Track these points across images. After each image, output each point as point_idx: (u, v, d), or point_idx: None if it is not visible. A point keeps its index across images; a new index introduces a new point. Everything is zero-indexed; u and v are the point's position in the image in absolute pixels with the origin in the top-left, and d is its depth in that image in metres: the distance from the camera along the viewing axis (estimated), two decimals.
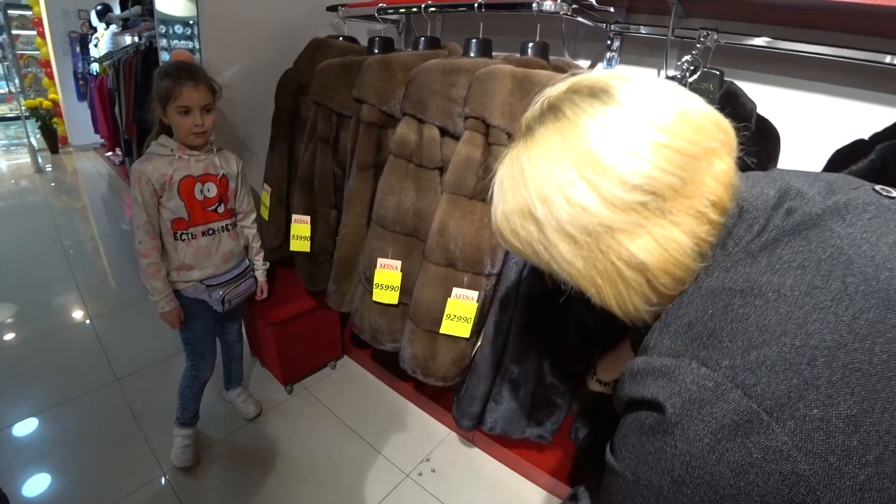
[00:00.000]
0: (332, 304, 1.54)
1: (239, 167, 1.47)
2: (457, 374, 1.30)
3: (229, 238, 1.47)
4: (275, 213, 1.67)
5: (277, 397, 1.94)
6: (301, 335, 1.89)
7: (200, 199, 1.37)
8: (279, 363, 1.87)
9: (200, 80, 1.28)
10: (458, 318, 1.20)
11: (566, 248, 0.48)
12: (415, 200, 1.24)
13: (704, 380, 0.40)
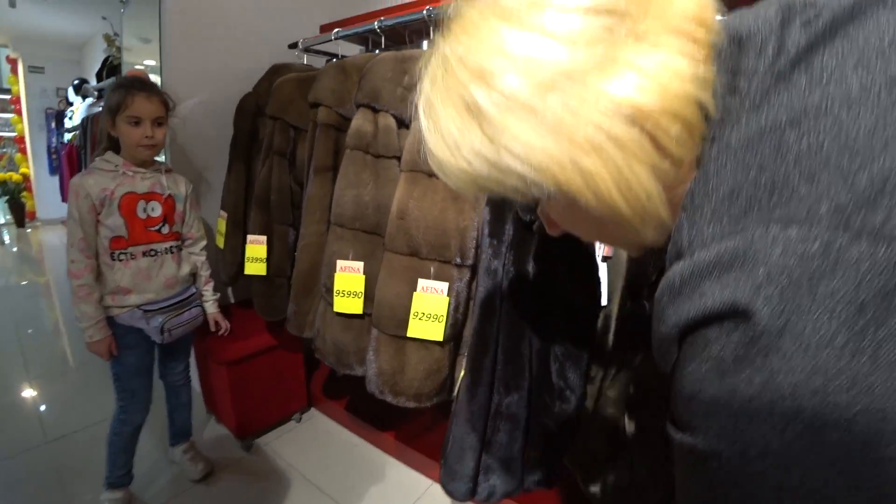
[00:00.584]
0: (293, 329, 1.38)
1: (188, 190, 1.39)
2: (433, 391, 1.12)
3: (173, 261, 1.34)
4: (231, 238, 1.55)
5: (232, 455, 1.68)
6: (260, 378, 1.68)
7: (143, 217, 1.27)
8: (234, 412, 1.63)
9: (154, 92, 1.24)
10: (428, 317, 1.05)
11: (526, 129, 0.34)
12: (374, 193, 1.15)
13: (803, 243, 0.27)
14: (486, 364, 0.95)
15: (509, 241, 0.91)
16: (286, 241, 1.44)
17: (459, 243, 1.07)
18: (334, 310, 1.19)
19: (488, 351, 0.94)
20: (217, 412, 1.80)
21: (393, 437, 1.69)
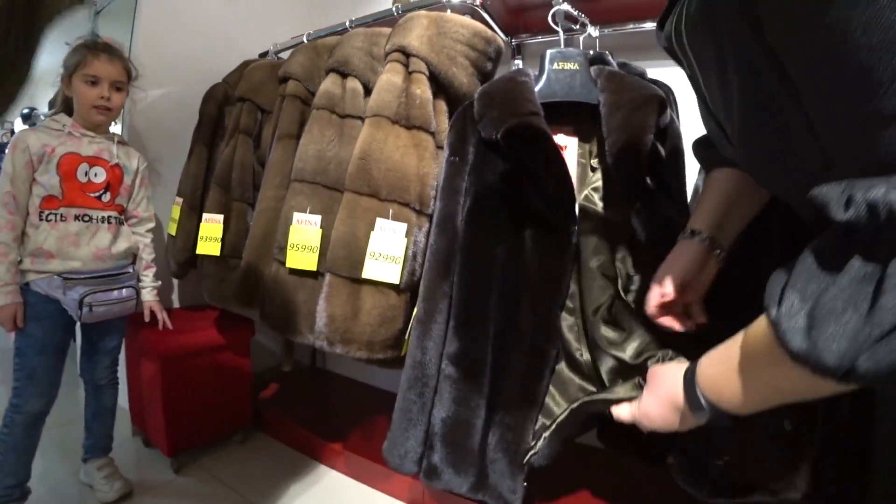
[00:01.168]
0: (240, 300, 1.29)
1: (140, 166, 1.35)
2: (386, 341, 1.04)
3: (108, 232, 1.25)
4: (185, 223, 1.49)
5: (158, 476, 1.46)
6: (200, 383, 1.51)
7: (83, 181, 1.21)
8: (165, 421, 1.43)
9: (116, 55, 1.25)
10: (385, 258, 1.01)
11: None
12: (338, 150, 1.16)
13: None
14: (444, 292, 0.89)
15: (472, 163, 0.91)
16: (244, 220, 1.40)
17: (419, 189, 1.06)
18: (287, 265, 1.13)
19: (446, 277, 0.90)
20: (145, 428, 1.58)
21: (347, 453, 1.52)
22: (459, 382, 0.85)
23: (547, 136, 0.83)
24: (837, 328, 0.33)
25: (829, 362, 0.34)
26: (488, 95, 0.90)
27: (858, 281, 0.32)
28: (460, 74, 1.11)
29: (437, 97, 1.13)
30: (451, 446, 0.85)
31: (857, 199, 0.32)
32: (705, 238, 0.69)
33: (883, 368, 0.32)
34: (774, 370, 0.43)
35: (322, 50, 1.34)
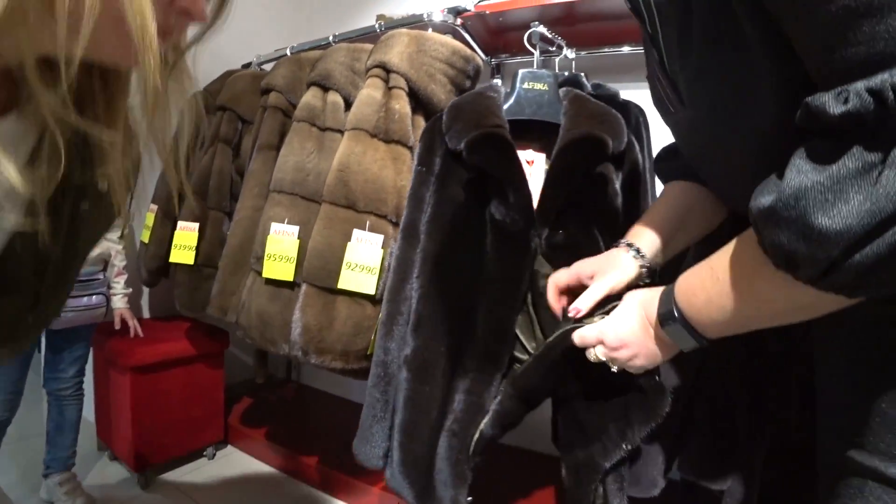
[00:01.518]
0: (214, 310, 1.27)
1: None
2: (360, 352, 1.04)
3: None
4: (158, 230, 1.47)
5: (123, 492, 1.41)
6: (170, 395, 1.48)
7: None
8: (132, 435, 1.40)
9: None
10: (361, 269, 1.02)
11: None
12: (317, 162, 1.17)
13: None
14: (406, 295, 0.90)
15: (437, 172, 0.93)
16: (220, 229, 1.39)
17: (396, 202, 1.08)
18: (263, 275, 1.13)
19: (407, 280, 0.91)
20: (111, 442, 1.53)
21: (321, 467, 1.50)
22: (411, 384, 0.86)
23: (508, 146, 0.86)
24: (828, 217, 0.32)
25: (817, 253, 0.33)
26: (456, 108, 0.93)
27: (856, 171, 0.32)
28: (439, 91, 1.14)
29: (416, 113, 1.15)
30: (404, 451, 0.86)
31: (857, 89, 0.31)
32: (641, 256, 0.68)
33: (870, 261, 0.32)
34: (755, 277, 0.43)
35: (305, 63, 1.35)
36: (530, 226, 0.88)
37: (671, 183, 0.73)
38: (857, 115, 0.31)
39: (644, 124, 1.33)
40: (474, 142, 0.86)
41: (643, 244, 0.68)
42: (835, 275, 0.34)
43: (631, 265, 0.67)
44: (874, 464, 0.41)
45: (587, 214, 0.88)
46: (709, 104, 0.50)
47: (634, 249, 0.69)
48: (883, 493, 0.41)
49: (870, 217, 0.31)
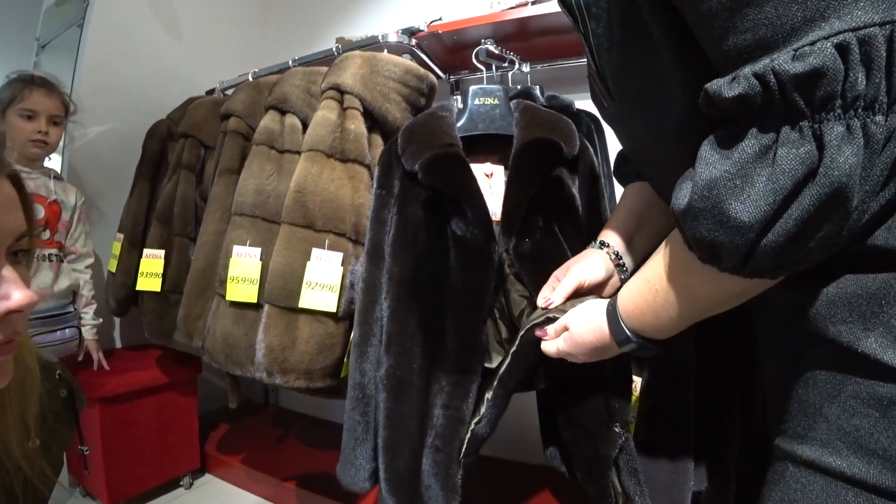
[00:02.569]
0: (181, 336, 1.27)
1: (78, 202, 1.36)
2: (325, 369, 1.04)
3: (50, 269, 1.26)
4: (125, 259, 1.46)
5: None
6: (142, 425, 1.46)
7: None
8: (105, 469, 1.37)
9: (54, 90, 1.25)
10: (321, 287, 1.03)
11: None
12: (276, 184, 1.19)
13: None
14: (376, 316, 0.92)
15: (397, 194, 0.95)
16: (186, 255, 1.39)
17: (355, 220, 1.10)
18: (227, 298, 1.13)
19: (377, 301, 0.92)
20: (83, 478, 1.50)
21: (301, 491, 1.48)
22: (389, 404, 0.86)
23: (460, 164, 0.89)
24: (740, 202, 0.34)
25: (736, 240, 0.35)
26: (409, 131, 0.95)
27: (755, 154, 0.34)
28: (393, 110, 1.17)
29: (372, 132, 1.18)
30: (387, 470, 0.86)
31: (745, 73, 0.33)
32: (613, 252, 0.72)
33: (781, 239, 0.34)
34: (686, 278, 0.46)
35: (263, 87, 1.38)
36: (490, 238, 0.90)
37: (629, 185, 0.77)
38: (747, 97, 0.33)
39: (597, 130, 1.37)
40: (427, 164, 0.88)
41: (611, 241, 0.73)
42: (754, 260, 0.36)
43: (600, 259, 0.72)
44: (792, 447, 0.43)
45: (549, 220, 0.91)
46: (632, 97, 0.52)
47: (600, 243, 0.73)
48: (800, 475, 0.41)
49: (773, 195, 0.33)
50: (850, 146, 0.31)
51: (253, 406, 2.11)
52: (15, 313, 0.37)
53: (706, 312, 0.49)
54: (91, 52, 1.70)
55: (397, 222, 0.93)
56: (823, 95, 0.31)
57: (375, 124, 1.18)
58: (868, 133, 0.31)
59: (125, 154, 1.68)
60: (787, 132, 0.33)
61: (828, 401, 0.40)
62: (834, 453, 0.38)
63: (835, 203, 0.33)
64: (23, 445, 0.48)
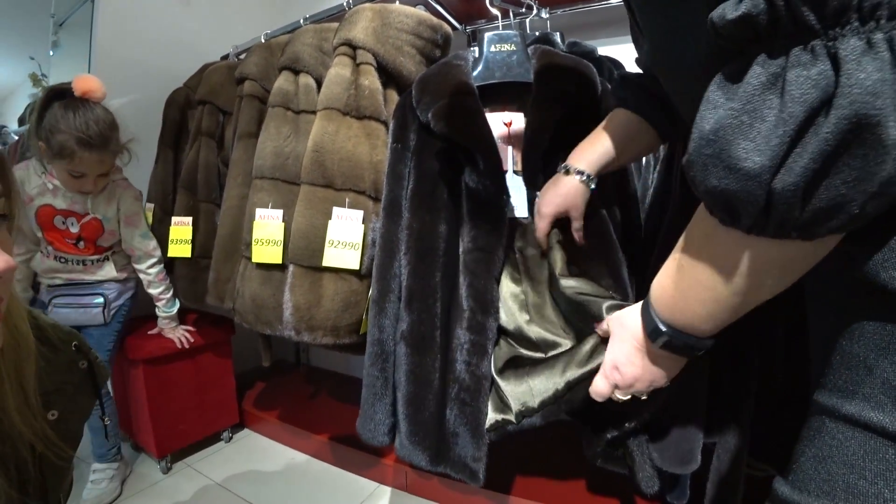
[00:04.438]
0: (212, 299, 1.31)
1: (123, 208, 1.34)
2: (351, 326, 1.07)
3: (84, 272, 1.33)
4: (158, 228, 1.50)
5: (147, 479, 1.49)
6: (182, 385, 1.54)
7: (62, 228, 1.28)
8: (152, 424, 1.47)
9: (106, 147, 1.18)
10: (344, 245, 1.04)
11: None
12: (294, 145, 1.19)
13: None
14: (394, 272, 0.92)
15: (413, 147, 0.94)
16: (212, 220, 1.42)
17: (374, 177, 1.09)
18: (253, 260, 1.16)
19: (394, 257, 0.92)
20: (133, 433, 1.60)
21: (332, 443, 1.55)
22: (411, 359, 0.88)
23: (474, 111, 0.86)
24: (749, 141, 0.30)
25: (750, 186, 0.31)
26: (424, 81, 0.93)
27: (763, 84, 0.30)
28: (408, 63, 1.14)
29: (387, 87, 1.16)
30: (410, 422, 0.88)
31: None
32: (587, 178, 0.76)
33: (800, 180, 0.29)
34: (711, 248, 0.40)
35: (275, 49, 1.36)
36: (502, 191, 0.89)
37: (620, 110, 0.76)
38: (750, 18, 0.29)
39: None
40: (440, 111, 0.87)
41: (581, 165, 0.77)
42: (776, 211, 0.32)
43: (570, 182, 0.77)
44: (832, 402, 0.40)
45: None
46: (658, 31, 0.49)
47: (565, 168, 0.78)
48: (837, 431, 0.39)
49: (784, 126, 0.29)
50: (874, 62, 0.26)
51: (286, 365, 2.20)
52: None
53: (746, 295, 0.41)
54: (104, 26, 1.70)
55: (415, 176, 0.92)
56: (837, 6, 0.27)
57: (390, 79, 1.15)
58: (894, 46, 0.26)
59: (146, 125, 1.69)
60: (798, 53, 0.28)
61: (875, 353, 0.37)
62: (877, 408, 0.36)
63: (860, 131, 0.27)
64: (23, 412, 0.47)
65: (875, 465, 0.35)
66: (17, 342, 0.47)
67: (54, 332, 0.58)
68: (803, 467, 0.41)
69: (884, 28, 0.26)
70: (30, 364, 0.49)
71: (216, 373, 1.64)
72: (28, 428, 0.48)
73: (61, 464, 0.53)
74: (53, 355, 0.56)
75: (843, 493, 0.37)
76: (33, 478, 0.50)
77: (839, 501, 0.37)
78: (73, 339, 0.61)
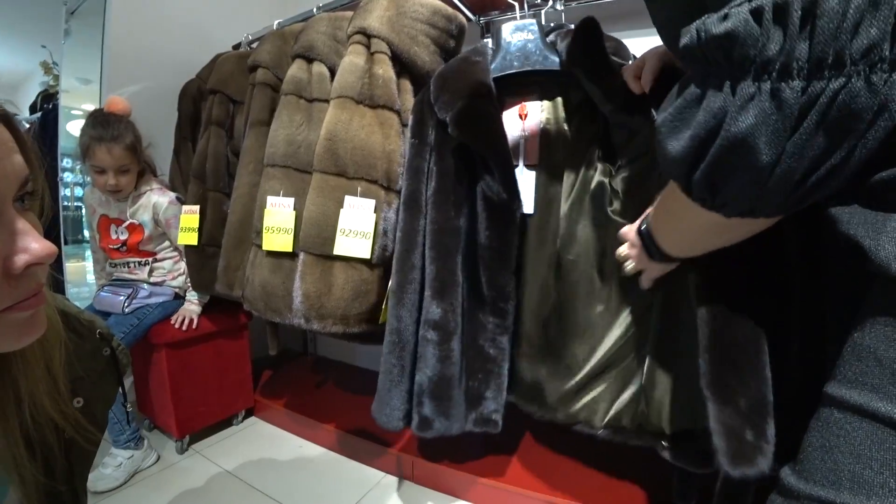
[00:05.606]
0: (222, 287, 1.32)
1: (159, 213, 1.45)
2: (361, 315, 1.07)
3: (127, 272, 1.47)
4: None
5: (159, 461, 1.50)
6: (202, 369, 1.56)
7: (113, 237, 1.45)
8: (173, 406, 1.49)
9: (116, 141, 1.31)
10: (355, 234, 1.04)
11: None
12: (307, 134, 1.18)
13: None
14: (413, 264, 0.93)
15: (432, 143, 0.94)
16: (220, 209, 1.43)
17: (386, 167, 1.09)
18: (264, 248, 1.16)
19: (414, 250, 0.93)
20: (153, 414, 1.63)
21: (339, 431, 1.56)
22: (441, 344, 0.93)
23: (489, 119, 0.88)
24: (675, 140, 0.40)
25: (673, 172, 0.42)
26: (441, 78, 0.93)
27: (694, 100, 0.37)
28: (422, 53, 1.13)
29: (401, 77, 1.15)
30: (439, 399, 0.94)
31: (692, 26, 0.36)
32: None
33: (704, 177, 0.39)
34: (674, 199, 0.52)
35: (289, 37, 1.35)
36: (514, 197, 0.91)
37: None
38: (689, 49, 0.36)
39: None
40: (456, 118, 0.88)
41: None
42: (695, 191, 0.41)
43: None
44: (840, 392, 0.41)
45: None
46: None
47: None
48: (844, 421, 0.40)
49: (692, 140, 0.37)
50: (755, 108, 0.33)
51: (293, 355, 2.21)
52: (36, 265, 0.36)
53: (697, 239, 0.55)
54: (117, 16, 1.70)
55: (437, 173, 0.94)
56: (739, 57, 0.32)
57: (404, 69, 1.15)
58: (780, 97, 0.31)
59: (160, 114, 1.70)
60: (715, 85, 0.35)
61: (885, 344, 0.38)
62: (885, 398, 0.37)
63: (739, 155, 0.35)
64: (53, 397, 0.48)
65: (882, 454, 0.36)
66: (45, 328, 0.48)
67: (80, 320, 0.58)
68: (810, 457, 0.42)
69: (773, 80, 0.32)
70: (57, 350, 0.49)
71: (233, 357, 1.66)
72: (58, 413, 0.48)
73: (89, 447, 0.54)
74: (80, 342, 0.56)
75: (849, 483, 0.38)
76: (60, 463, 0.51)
77: (843, 491, 0.38)
78: (97, 327, 0.61)
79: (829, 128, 0.31)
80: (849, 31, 0.28)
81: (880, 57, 0.29)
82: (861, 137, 0.32)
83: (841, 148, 0.32)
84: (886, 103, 0.30)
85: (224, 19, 1.96)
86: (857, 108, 0.30)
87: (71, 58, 2.03)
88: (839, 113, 0.31)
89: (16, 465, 0.45)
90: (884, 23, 0.28)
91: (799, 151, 0.33)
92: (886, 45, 0.28)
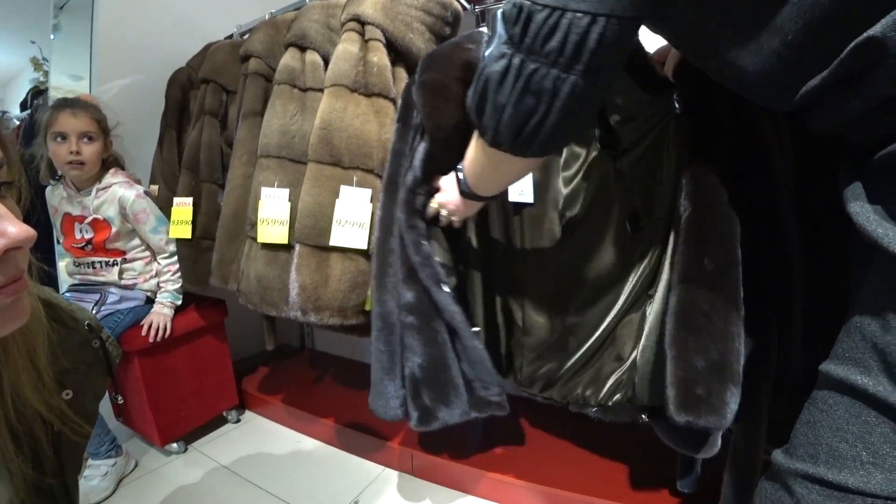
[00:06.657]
0: (216, 281, 1.30)
1: (127, 206, 1.35)
2: (358, 307, 1.06)
3: (93, 273, 1.40)
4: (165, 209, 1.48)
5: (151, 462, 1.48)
6: (179, 372, 1.51)
7: (77, 236, 1.36)
8: (153, 414, 1.44)
9: (81, 107, 1.26)
10: (351, 225, 1.03)
11: None
12: (301, 124, 1.16)
13: None
14: (391, 248, 0.91)
15: (415, 126, 0.92)
16: (214, 201, 1.40)
17: (382, 156, 1.07)
18: (258, 241, 1.14)
19: (392, 234, 0.91)
20: (134, 425, 1.58)
21: (337, 426, 1.55)
22: (422, 327, 0.88)
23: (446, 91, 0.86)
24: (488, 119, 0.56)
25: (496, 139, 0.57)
26: (429, 58, 0.92)
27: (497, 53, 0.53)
28: (417, 40, 1.11)
29: (396, 64, 1.13)
30: (436, 386, 0.89)
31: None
32: None
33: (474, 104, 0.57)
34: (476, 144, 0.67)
35: (281, 25, 1.33)
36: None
37: None
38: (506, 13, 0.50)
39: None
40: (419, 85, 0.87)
41: None
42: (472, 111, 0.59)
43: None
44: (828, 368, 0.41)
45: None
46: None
47: None
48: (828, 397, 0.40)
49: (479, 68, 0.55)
50: (498, 65, 0.52)
51: (290, 350, 2.19)
52: (14, 250, 0.35)
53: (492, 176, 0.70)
54: (105, 8, 1.67)
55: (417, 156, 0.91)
56: (508, 31, 0.50)
57: (399, 57, 1.13)
58: (511, 62, 0.50)
59: (149, 107, 1.67)
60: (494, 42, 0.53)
61: (870, 316, 0.38)
62: (864, 372, 0.37)
63: (487, 88, 0.54)
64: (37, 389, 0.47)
65: (857, 427, 0.37)
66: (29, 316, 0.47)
67: (67, 311, 0.57)
68: (797, 433, 0.43)
69: (513, 51, 0.50)
70: (40, 340, 0.48)
71: (212, 356, 1.62)
72: (43, 406, 0.47)
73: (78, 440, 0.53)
74: (66, 333, 0.55)
75: (825, 456, 0.39)
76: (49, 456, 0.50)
77: (820, 465, 0.39)
78: (86, 319, 0.60)
79: (532, 91, 0.50)
80: (542, 38, 0.47)
81: (556, 59, 0.47)
82: (549, 106, 0.50)
83: (538, 111, 0.51)
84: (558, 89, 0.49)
85: (215, 11, 1.93)
86: (541, 86, 0.49)
87: (60, 53, 1.98)
88: (535, 85, 0.50)
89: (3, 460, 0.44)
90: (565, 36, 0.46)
91: (517, 102, 0.52)
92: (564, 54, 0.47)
